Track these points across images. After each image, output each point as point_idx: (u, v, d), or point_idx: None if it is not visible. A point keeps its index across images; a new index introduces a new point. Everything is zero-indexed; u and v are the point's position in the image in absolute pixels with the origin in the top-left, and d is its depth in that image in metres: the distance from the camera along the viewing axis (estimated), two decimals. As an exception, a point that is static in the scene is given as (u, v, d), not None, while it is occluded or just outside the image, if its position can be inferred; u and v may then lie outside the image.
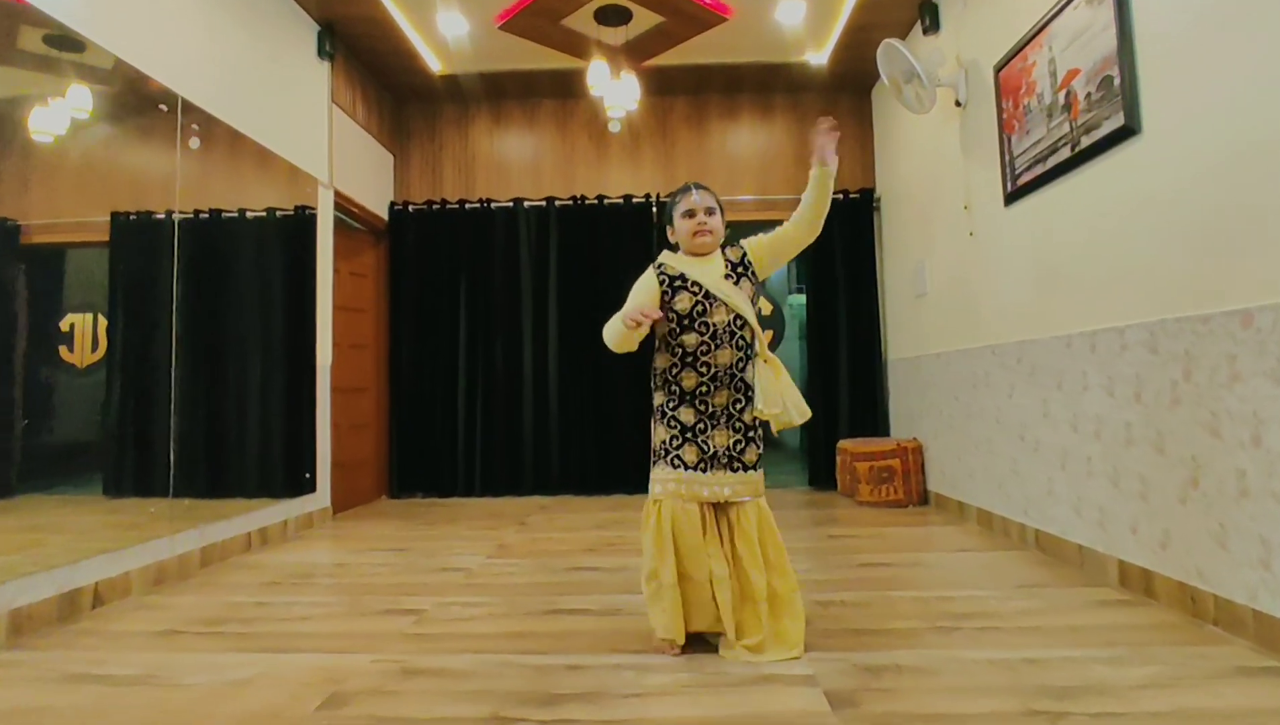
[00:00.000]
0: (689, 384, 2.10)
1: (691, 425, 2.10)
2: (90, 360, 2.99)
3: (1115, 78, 2.52)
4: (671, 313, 2.11)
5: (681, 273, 2.13)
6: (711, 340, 2.08)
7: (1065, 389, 2.91)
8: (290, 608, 2.54)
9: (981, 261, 3.65)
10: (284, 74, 3.95)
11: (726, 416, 2.10)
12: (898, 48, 3.66)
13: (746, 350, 2.11)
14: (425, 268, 5.29)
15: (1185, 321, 2.24)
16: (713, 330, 2.08)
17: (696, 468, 2.09)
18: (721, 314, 2.09)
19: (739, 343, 2.10)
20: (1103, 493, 2.68)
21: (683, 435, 2.11)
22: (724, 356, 2.09)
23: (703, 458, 2.09)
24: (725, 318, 2.09)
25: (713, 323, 2.09)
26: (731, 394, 2.10)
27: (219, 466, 3.48)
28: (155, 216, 3.08)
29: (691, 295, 2.11)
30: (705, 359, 2.09)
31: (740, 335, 2.10)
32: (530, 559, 3.23)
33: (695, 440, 2.10)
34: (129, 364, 2.99)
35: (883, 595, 2.55)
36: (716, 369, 2.09)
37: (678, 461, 2.10)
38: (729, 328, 2.09)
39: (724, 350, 2.09)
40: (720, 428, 2.10)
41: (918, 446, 4.49)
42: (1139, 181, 2.46)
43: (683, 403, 2.12)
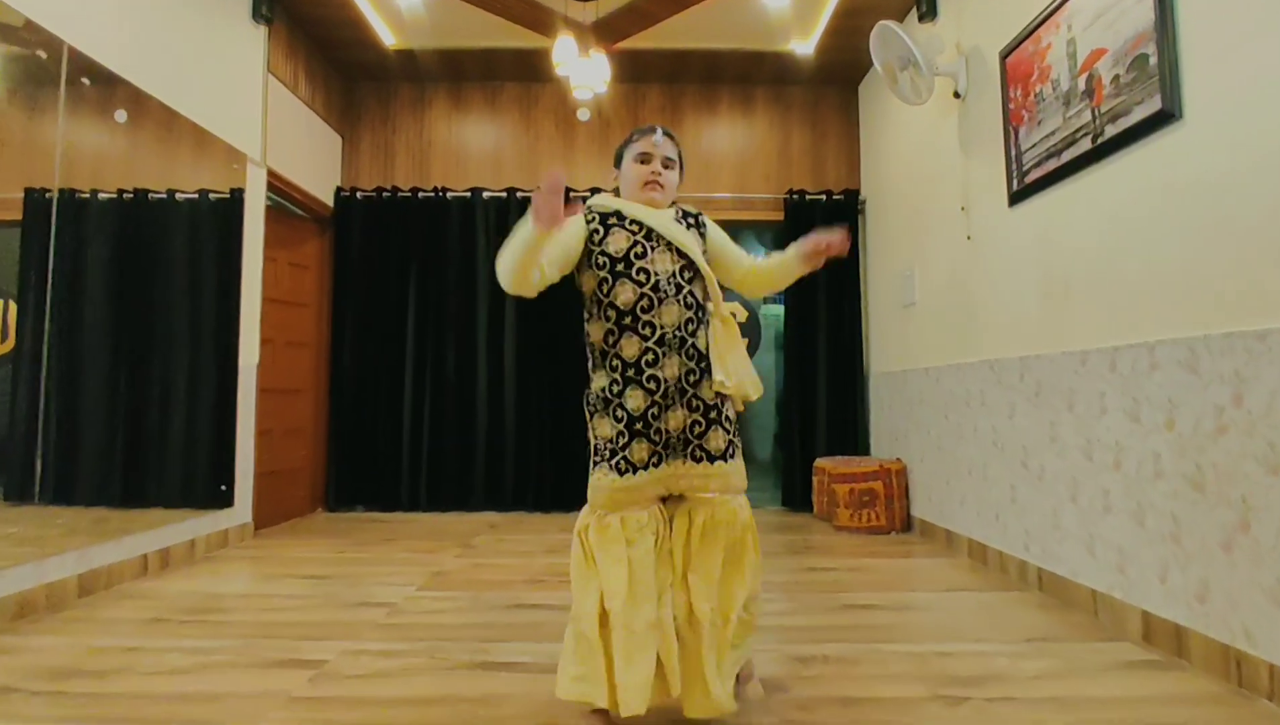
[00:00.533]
0: (630, 353, 1.64)
1: (642, 412, 1.63)
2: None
3: (1151, 56, 2.19)
4: (603, 258, 1.67)
5: (616, 210, 1.71)
6: (653, 292, 1.64)
7: (1078, 411, 2.57)
8: (165, 656, 2.10)
9: (980, 268, 3.32)
10: (210, 33, 3.50)
11: (679, 392, 1.65)
12: (895, 30, 3.32)
13: (698, 310, 1.67)
14: (373, 260, 4.85)
15: (1236, 337, 1.90)
16: (654, 280, 1.65)
17: (649, 466, 1.64)
18: (666, 260, 1.67)
19: (688, 299, 1.66)
20: (1123, 531, 2.34)
21: (630, 428, 1.63)
22: (670, 314, 1.64)
23: (655, 451, 1.65)
24: (671, 266, 1.67)
25: (654, 271, 1.65)
26: (684, 362, 1.65)
27: (116, 475, 3.03)
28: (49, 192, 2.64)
29: (629, 234, 1.68)
30: (647, 318, 1.64)
31: (690, 290, 1.67)
32: (467, 591, 2.81)
33: (647, 432, 1.64)
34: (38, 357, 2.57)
35: (872, 649, 2.17)
36: (663, 331, 1.63)
37: (625, 464, 1.63)
38: (674, 278, 1.66)
39: (670, 306, 1.64)
40: (675, 407, 1.65)
41: (901, 468, 4.15)
42: (1178, 173, 2.13)
43: (628, 383, 1.64)
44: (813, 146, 5.06)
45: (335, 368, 4.80)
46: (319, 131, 4.67)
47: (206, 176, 3.49)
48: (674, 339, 1.64)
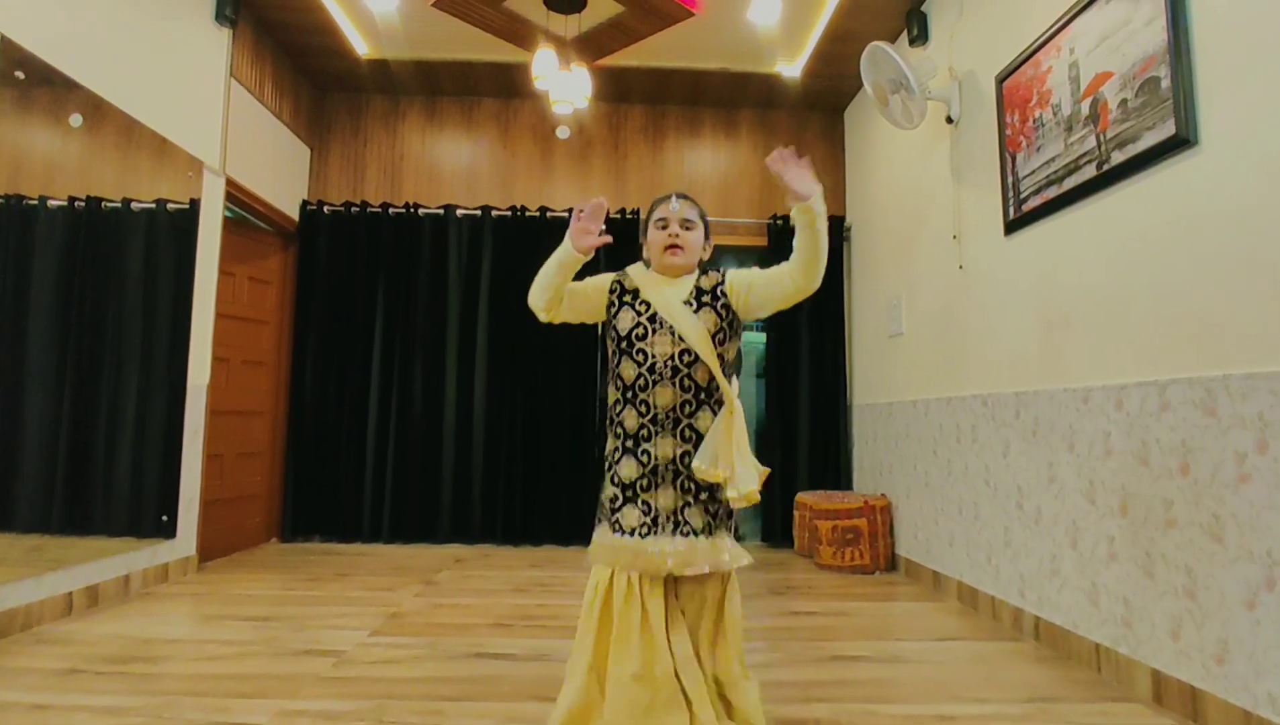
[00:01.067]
0: (630, 425, 1.71)
1: (633, 482, 1.68)
2: None
3: (1163, 79, 2.08)
4: (614, 332, 1.75)
5: (636, 287, 1.76)
6: (649, 373, 1.69)
7: (1079, 452, 2.43)
8: (71, 716, 1.85)
9: (972, 298, 3.19)
10: (167, 32, 3.30)
11: (673, 472, 1.67)
12: (887, 51, 3.22)
13: (697, 393, 1.68)
14: (339, 277, 4.63)
15: (1260, 379, 1.77)
16: (650, 361, 1.69)
17: (636, 533, 1.65)
18: (665, 344, 1.69)
19: (684, 382, 1.67)
20: (1129, 582, 2.19)
21: (624, 493, 1.69)
22: (664, 396, 1.68)
23: (645, 522, 1.65)
24: (669, 349, 1.69)
25: (652, 352, 1.69)
26: (678, 444, 1.67)
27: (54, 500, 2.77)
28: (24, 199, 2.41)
29: (635, 314, 1.73)
30: (644, 396, 1.69)
31: (687, 373, 1.67)
32: (424, 637, 2.58)
33: (636, 500, 1.67)
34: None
35: (866, 710, 1.99)
36: (655, 411, 1.68)
37: (617, 526, 1.67)
38: (671, 362, 1.68)
39: (664, 388, 1.68)
40: (665, 486, 1.67)
41: (886, 504, 3.99)
42: (1193, 203, 2.01)
43: (625, 453, 1.71)
44: (797, 171, 4.95)
45: (295, 389, 4.55)
46: (286, 142, 4.47)
47: (158, 184, 3.27)
48: (667, 419, 1.68)
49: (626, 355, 1.71)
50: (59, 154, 2.77)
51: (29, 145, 2.64)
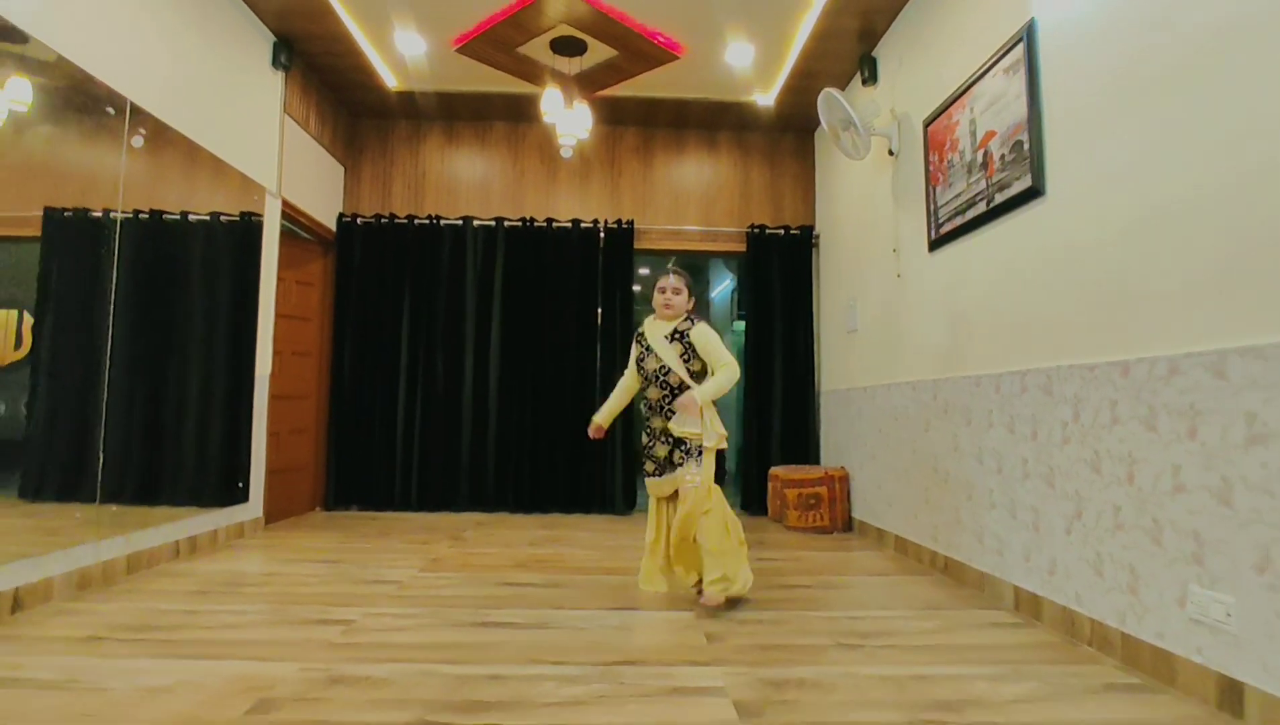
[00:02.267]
0: (643, 411, 3.00)
1: (645, 445, 2.98)
2: (11, 358, 2.96)
3: (1025, 142, 2.76)
4: (632, 359, 3.03)
5: (644, 331, 2.99)
6: (646, 380, 2.93)
7: (973, 426, 3.13)
8: (217, 616, 2.55)
9: (906, 303, 3.88)
10: (237, 82, 3.97)
11: (662, 435, 2.88)
12: (836, 97, 3.89)
13: (672, 390, 2.85)
14: (371, 280, 5.31)
15: (1075, 368, 2.46)
16: (646, 373, 2.93)
17: (652, 475, 2.93)
18: (653, 362, 2.90)
19: (663, 383, 2.87)
20: (1001, 523, 2.89)
21: (642, 452, 3.00)
22: (653, 393, 2.91)
23: (657, 467, 2.90)
24: (655, 365, 2.89)
25: (647, 368, 2.92)
26: (663, 420, 2.88)
27: (150, 473, 3.44)
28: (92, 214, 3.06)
29: (639, 347, 2.98)
30: (645, 394, 2.96)
31: (664, 378, 2.87)
32: (462, 573, 3.28)
33: (649, 455, 2.94)
34: (57, 363, 2.95)
35: (798, 615, 2.69)
36: (649, 401, 2.93)
37: (643, 471, 3.00)
38: (656, 373, 2.89)
39: (652, 388, 2.91)
40: (660, 444, 2.89)
41: (844, 475, 4.69)
42: (1042, 239, 2.69)
43: (641, 430, 3.03)
44: (772, 186, 5.63)
45: (335, 376, 5.24)
46: (325, 163, 5.13)
47: (232, 205, 3.94)
48: (656, 406, 2.91)
49: (640, 371, 2.95)
50: (158, 183, 3.44)
51: (152, 177, 3.31)
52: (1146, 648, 2.10)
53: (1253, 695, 1.76)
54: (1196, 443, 1.95)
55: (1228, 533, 1.85)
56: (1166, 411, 2.06)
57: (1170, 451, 2.04)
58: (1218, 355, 1.89)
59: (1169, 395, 2.05)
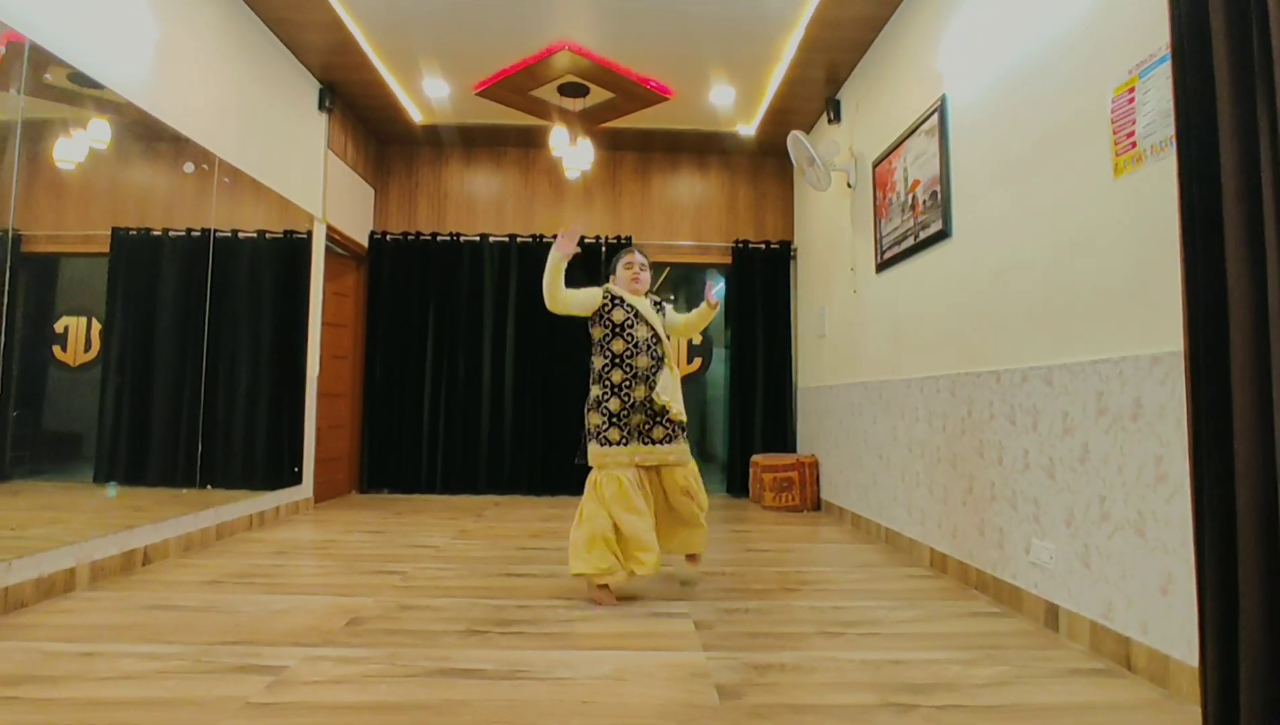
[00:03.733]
0: (617, 379, 2.88)
1: (617, 412, 2.88)
2: (82, 360, 3.46)
3: (939, 192, 3.44)
4: (608, 321, 2.93)
5: (620, 296, 2.97)
6: (634, 347, 2.90)
7: (905, 420, 3.82)
8: (300, 568, 3.27)
9: (860, 314, 4.57)
10: (292, 127, 4.67)
11: (643, 405, 2.89)
12: (800, 139, 4.56)
13: (659, 359, 2.94)
14: (399, 290, 6.02)
15: (968, 376, 3.15)
16: (634, 340, 2.90)
17: (620, 443, 2.87)
18: (644, 330, 2.92)
19: (653, 353, 2.92)
20: (923, 499, 3.59)
21: (610, 420, 2.88)
22: (642, 361, 2.89)
23: (623, 436, 2.87)
24: (646, 333, 2.92)
25: (636, 335, 2.91)
26: (647, 390, 2.90)
27: (224, 460, 4.17)
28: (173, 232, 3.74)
29: (625, 312, 2.94)
30: (629, 361, 2.89)
31: (655, 347, 2.93)
32: (487, 541, 4.00)
33: (618, 424, 2.87)
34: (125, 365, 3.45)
35: (756, 569, 3.40)
36: (636, 369, 2.89)
37: (604, 441, 2.88)
38: (648, 342, 2.91)
39: (641, 356, 2.89)
40: (637, 412, 2.89)
41: (814, 462, 5.39)
42: (949, 271, 3.38)
43: (613, 395, 2.89)
44: (755, 204, 6.31)
45: (368, 376, 5.96)
46: (359, 186, 5.83)
47: (287, 230, 4.65)
48: (643, 375, 2.90)
49: (619, 336, 2.89)
50: (236, 215, 4.15)
51: (222, 211, 4.01)
52: (1006, 586, 2.80)
53: (1064, 614, 2.46)
54: (1037, 433, 2.64)
55: (1052, 497, 2.54)
56: (1020, 409, 2.75)
57: (1022, 439, 2.74)
58: (1047, 369, 2.58)
59: (1021, 397, 2.74)
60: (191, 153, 3.67)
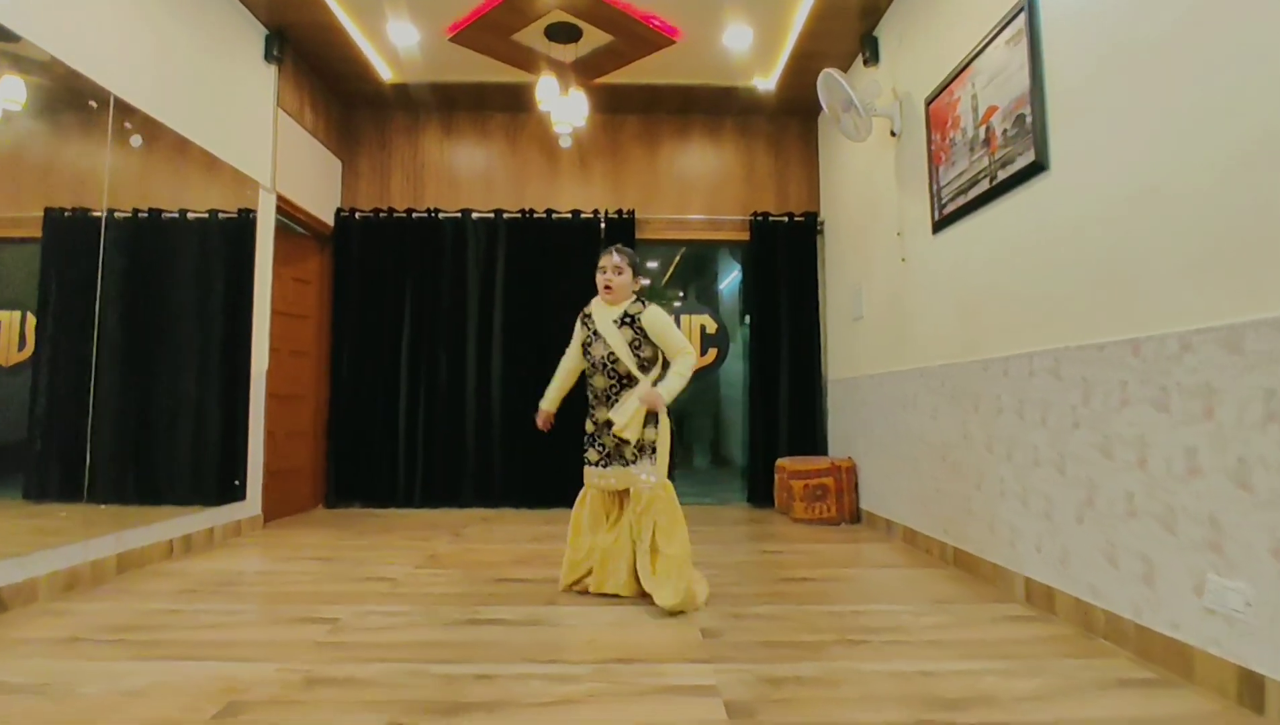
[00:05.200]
0: (590, 398, 2.80)
1: (590, 433, 2.80)
2: (16, 359, 2.93)
3: (1027, 116, 2.65)
4: (578, 341, 2.84)
5: (590, 312, 2.80)
6: (592, 367, 2.76)
7: (981, 412, 3.02)
8: (202, 615, 2.50)
9: (912, 287, 3.77)
10: (228, 76, 3.92)
11: (607, 425, 2.71)
12: (835, 78, 3.78)
13: (619, 379, 2.70)
14: (370, 276, 5.26)
15: (1084, 349, 2.35)
16: (592, 360, 2.75)
17: (597, 464, 2.77)
18: (600, 349, 2.72)
19: (610, 372, 2.71)
20: (1013, 512, 2.78)
21: (587, 441, 2.82)
22: (599, 381, 2.74)
23: (601, 457, 2.75)
24: (602, 352, 2.71)
25: (593, 354, 2.74)
26: (607, 411, 2.72)
27: (143, 471, 3.41)
28: (92, 213, 3.01)
29: (586, 331, 2.79)
30: (591, 381, 2.79)
31: (612, 367, 2.70)
32: (458, 569, 3.22)
33: (595, 443, 2.78)
34: (56, 364, 2.91)
35: (798, 609, 2.60)
36: (595, 389, 2.77)
37: (586, 462, 2.82)
38: (603, 360, 2.71)
39: (598, 376, 2.74)
40: (605, 435, 2.73)
41: (851, 465, 4.59)
42: (1046, 216, 2.58)
43: (588, 417, 2.82)
44: (776, 172, 5.53)
45: (334, 375, 5.20)
46: (321, 157, 5.08)
47: (225, 201, 3.90)
48: (601, 395, 2.74)
49: (585, 355, 2.78)
50: (150, 180, 3.40)
51: (133, 175, 3.26)
52: (1161, 639, 1.99)
53: (1274, 689, 1.65)
54: (1213, 423, 1.84)
55: (1243, 517, 1.74)
56: (1180, 391, 1.95)
57: (1183, 433, 1.94)
58: (1229, 330, 1.78)
59: (1181, 373, 1.94)
60: (83, 90, 2.92)
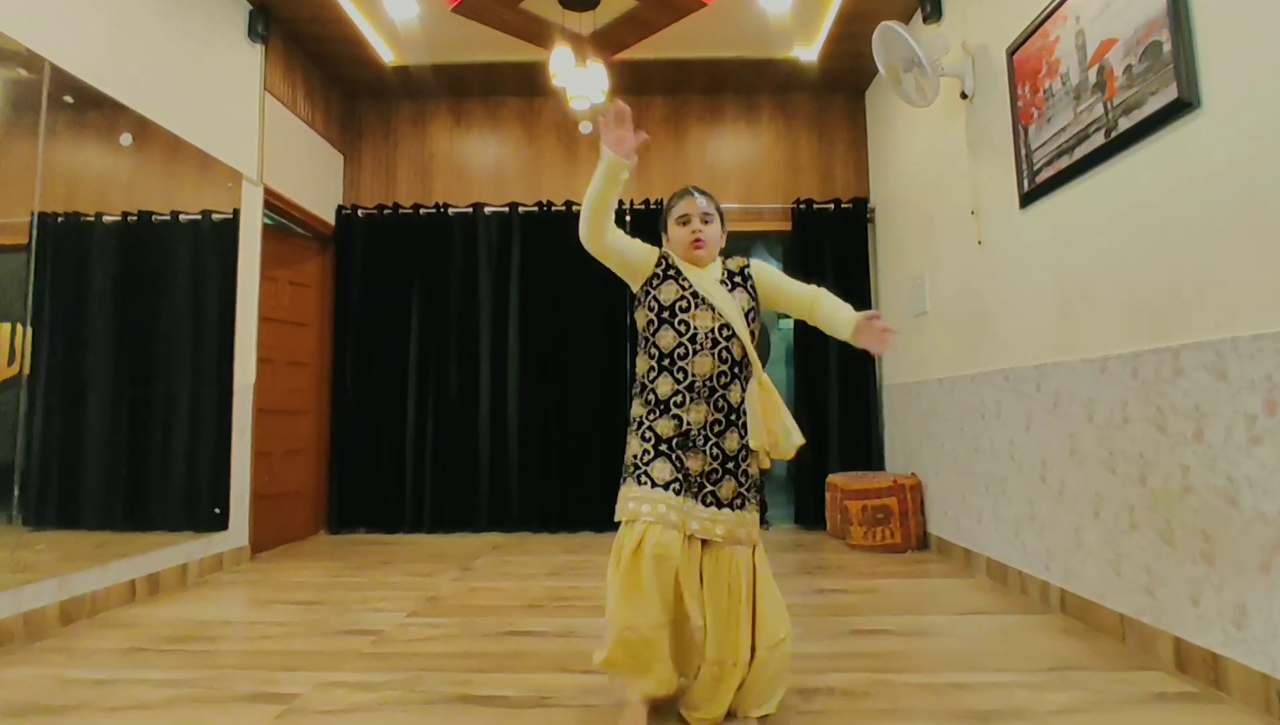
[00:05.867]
0: (664, 391, 1.80)
1: (667, 438, 1.78)
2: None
3: (1164, 43, 2.07)
4: (654, 302, 1.84)
5: (679, 266, 1.88)
6: (690, 342, 1.79)
7: (1099, 422, 2.42)
8: (134, 689, 2.00)
9: (992, 273, 3.18)
10: (204, 53, 3.47)
11: (704, 438, 1.79)
12: (896, 30, 3.22)
13: (732, 365, 1.80)
14: (375, 278, 4.79)
15: (1267, 339, 1.76)
16: (692, 332, 1.80)
17: (669, 487, 1.73)
18: (706, 318, 1.81)
19: (722, 354, 1.79)
20: (1151, 551, 2.18)
21: (655, 448, 1.78)
22: (703, 365, 1.78)
23: (676, 477, 1.75)
24: (709, 322, 1.81)
25: (694, 324, 1.81)
26: (710, 412, 1.79)
27: (101, 501, 2.96)
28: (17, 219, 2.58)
29: (680, 288, 1.84)
30: (682, 364, 1.79)
31: (726, 346, 1.79)
32: (459, 618, 2.70)
33: (669, 456, 1.77)
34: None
35: (881, 680, 2.03)
36: (694, 378, 1.79)
37: (645, 478, 1.75)
38: (711, 334, 1.80)
39: (704, 357, 1.78)
40: (696, 450, 1.79)
41: (916, 483, 3.99)
42: (1198, 166, 1.99)
43: (660, 415, 1.80)
44: (820, 155, 4.96)
45: (337, 388, 4.73)
46: (320, 150, 4.64)
47: (201, 196, 3.45)
48: (704, 388, 1.78)
49: (668, 324, 1.81)
50: (109, 171, 2.95)
51: (83, 165, 2.82)
52: None
53: None
54: None
55: None
56: None
57: None
58: None
59: None
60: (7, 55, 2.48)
